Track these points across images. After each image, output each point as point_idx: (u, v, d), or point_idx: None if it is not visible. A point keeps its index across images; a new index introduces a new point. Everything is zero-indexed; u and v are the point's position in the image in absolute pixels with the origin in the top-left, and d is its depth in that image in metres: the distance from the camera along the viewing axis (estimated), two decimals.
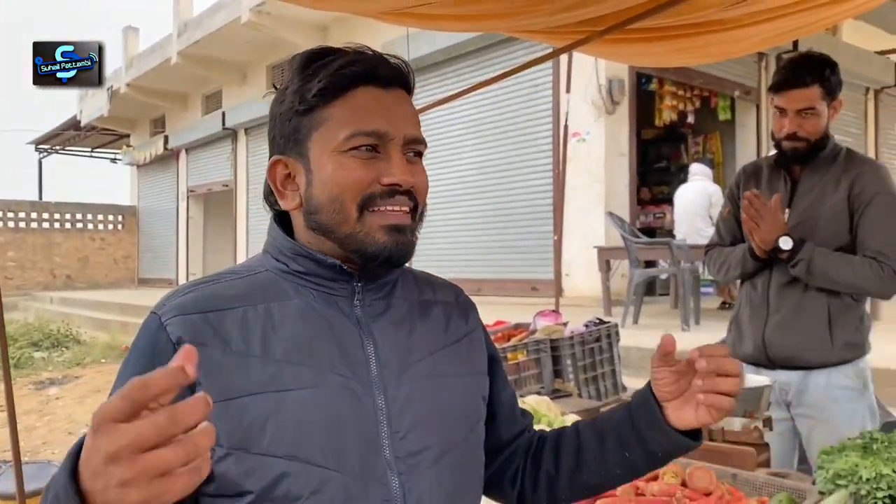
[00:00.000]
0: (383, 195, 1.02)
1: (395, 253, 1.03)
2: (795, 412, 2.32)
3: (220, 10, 13.47)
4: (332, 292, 1.05)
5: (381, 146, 1.02)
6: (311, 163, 1.04)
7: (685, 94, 9.82)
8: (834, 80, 2.25)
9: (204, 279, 1.06)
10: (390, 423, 1.00)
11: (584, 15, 2.71)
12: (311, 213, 1.04)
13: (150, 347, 0.97)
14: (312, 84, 1.02)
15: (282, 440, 0.93)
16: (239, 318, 0.99)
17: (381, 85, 1.04)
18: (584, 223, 8.44)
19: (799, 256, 2.19)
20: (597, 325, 3.38)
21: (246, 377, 0.95)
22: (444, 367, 1.10)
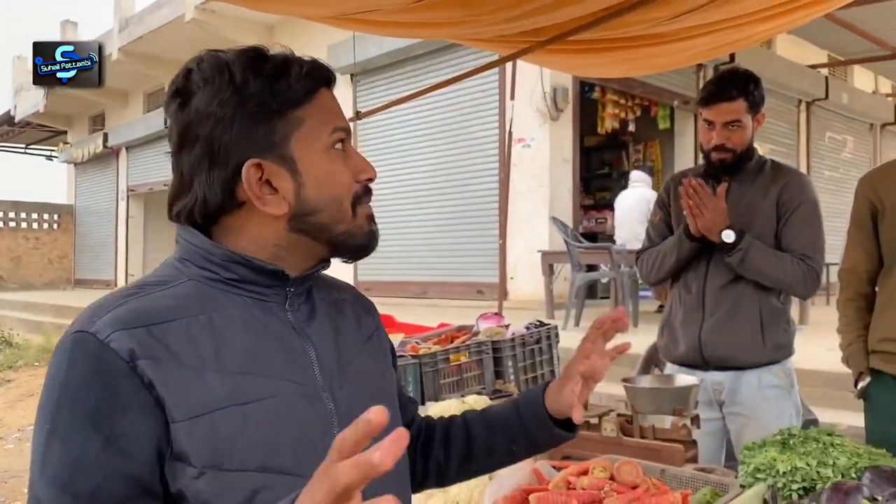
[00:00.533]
0: (365, 192, 1.07)
1: (374, 241, 1.09)
2: (728, 411, 2.44)
3: (164, 6, 13.23)
4: (265, 299, 1.03)
5: (346, 143, 1.07)
6: (297, 164, 1.02)
7: (626, 103, 10.08)
8: (757, 94, 2.38)
9: (127, 292, 0.98)
10: (340, 425, 1.00)
11: (526, 26, 2.79)
12: (307, 214, 1.02)
13: (97, 371, 0.89)
14: (286, 85, 1.01)
15: (254, 453, 0.92)
16: (183, 331, 0.94)
17: (330, 87, 1.08)
18: (528, 227, 8.57)
19: (738, 247, 2.31)
20: (537, 328, 3.47)
21: (207, 392, 0.92)
22: (369, 365, 1.13)
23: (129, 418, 0.88)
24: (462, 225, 9.70)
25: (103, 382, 0.88)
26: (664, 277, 2.56)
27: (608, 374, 4.37)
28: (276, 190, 1.01)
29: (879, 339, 2.25)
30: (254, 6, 2.67)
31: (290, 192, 1.01)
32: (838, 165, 13.34)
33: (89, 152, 18.02)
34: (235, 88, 1.00)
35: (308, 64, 1.05)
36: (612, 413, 2.19)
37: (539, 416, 1.23)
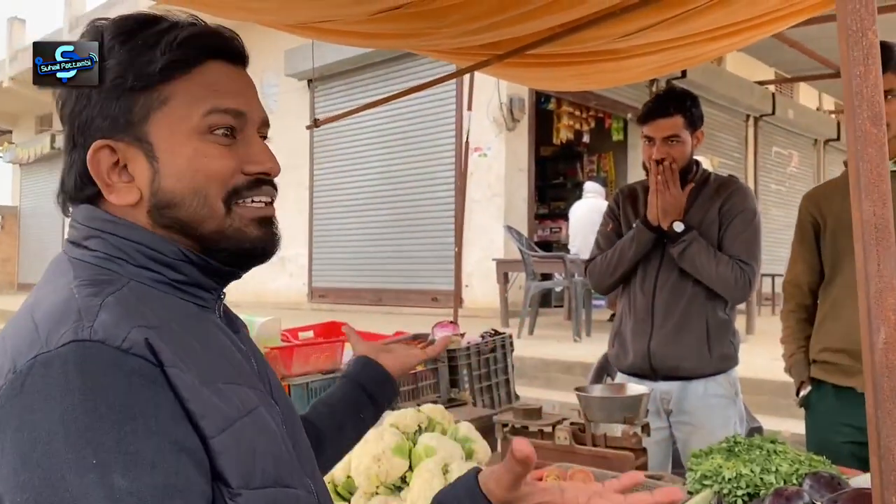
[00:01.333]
0: (250, 186, 0.91)
1: (270, 247, 0.93)
2: (675, 419, 2.51)
3: (116, 5, 12.97)
4: (205, 304, 0.92)
5: (239, 129, 0.91)
6: (155, 149, 0.88)
7: (581, 115, 10.24)
8: (695, 111, 2.49)
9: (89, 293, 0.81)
10: (291, 436, 0.95)
11: (485, 39, 2.83)
12: (164, 207, 0.88)
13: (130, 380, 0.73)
14: (150, 56, 0.87)
15: (268, 467, 0.83)
16: (171, 336, 0.81)
17: (231, 61, 0.93)
18: (483, 236, 8.63)
19: (684, 238, 2.41)
20: (492, 336, 3.50)
21: (222, 403, 0.81)
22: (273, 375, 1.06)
23: (182, 431, 0.75)
24: (418, 233, 9.73)
25: (143, 393, 0.74)
26: (617, 280, 2.61)
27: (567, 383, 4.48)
28: (133, 177, 0.89)
29: (820, 350, 2.33)
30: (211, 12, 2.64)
31: (145, 181, 0.88)
32: (784, 179, 13.74)
33: (36, 153, 17.53)
34: (100, 59, 0.90)
35: (189, 31, 0.89)
36: (566, 422, 2.23)
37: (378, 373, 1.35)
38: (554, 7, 2.43)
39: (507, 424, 2.27)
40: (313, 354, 2.73)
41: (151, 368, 0.75)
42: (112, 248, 0.87)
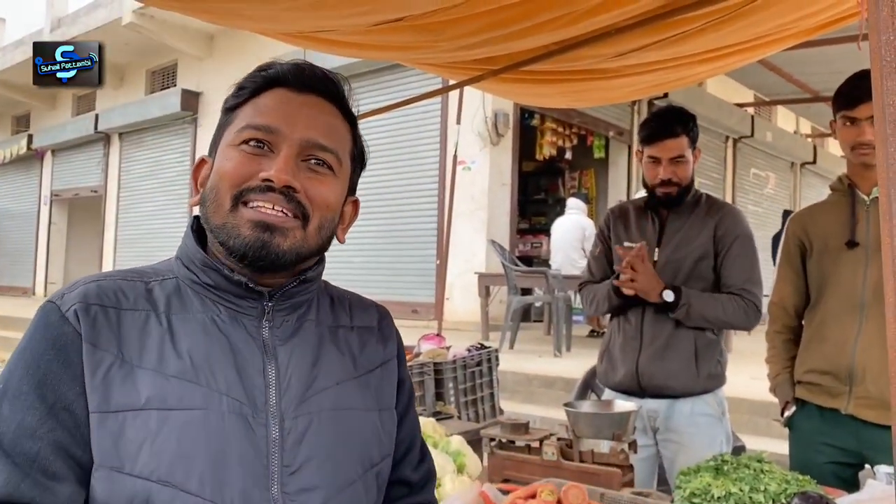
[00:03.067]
0: (258, 190, 0.96)
1: (257, 252, 0.96)
2: (661, 437, 2.52)
3: (99, 7, 12.88)
4: (239, 310, 0.99)
5: (276, 145, 0.99)
6: (215, 159, 1.03)
7: (564, 132, 10.31)
8: (695, 130, 2.54)
9: (106, 273, 1.00)
10: (282, 456, 0.94)
11: (480, 54, 2.85)
12: (202, 205, 1.01)
13: (54, 342, 0.91)
14: (238, 88, 1.05)
15: (158, 464, 0.88)
16: (140, 323, 0.94)
17: (295, 88, 1.02)
18: (465, 249, 8.64)
19: (681, 303, 2.42)
20: (478, 350, 3.51)
21: (131, 390, 0.90)
22: (349, 400, 1.03)
23: (74, 394, 0.89)
24: (399, 244, 9.72)
25: (56, 353, 0.90)
26: (603, 315, 2.66)
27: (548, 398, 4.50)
28: None
29: (805, 371, 2.36)
30: (208, 18, 2.64)
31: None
32: (761, 200, 13.93)
33: (11, 153, 17.26)
34: None
35: (272, 63, 1.05)
36: (553, 437, 2.23)
37: None
38: (550, 25, 2.45)
39: (495, 439, 2.27)
40: None
41: (77, 339, 0.91)
42: (179, 250, 1.05)
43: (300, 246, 0.99)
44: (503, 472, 2.21)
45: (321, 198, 1.00)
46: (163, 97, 13.35)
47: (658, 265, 2.51)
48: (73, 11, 13.83)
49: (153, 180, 14.02)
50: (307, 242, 1.00)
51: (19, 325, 10.52)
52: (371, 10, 2.20)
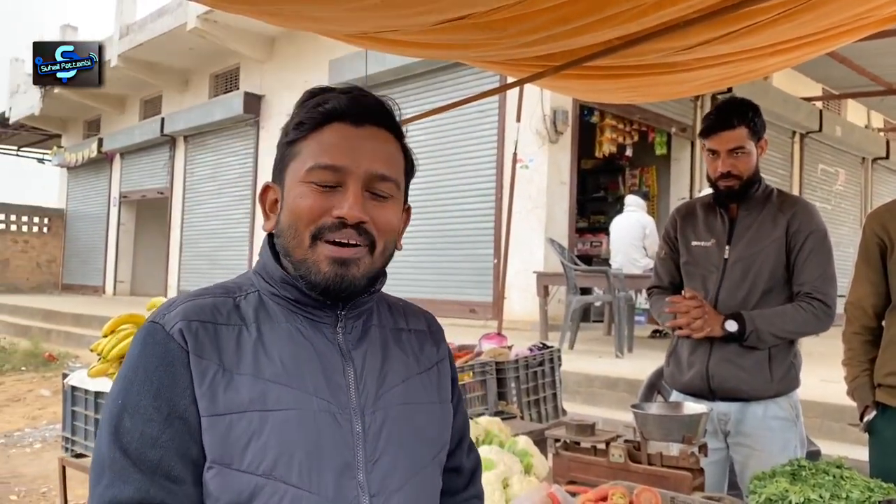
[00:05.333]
0: (333, 227, 1.06)
1: (335, 285, 1.07)
2: (733, 441, 2.44)
3: (165, 14, 13.25)
4: (317, 319, 1.11)
5: (342, 180, 1.08)
6: (284, 191, 1.11)
7: (625, 128, 10.15)
8: (758, 121, 2.43)
9: (198, 292, 1.11)
10: (365, 448, 1.06)
11: (541, 51, 2.82)
12: (277, 235, 1.12)
13: (162, 355, 1.02)
14: (296, 119, 1.11)
15: (263, 458, 1.00)
16: (235, 335, 1.06)
17: (353, 122, 1.10)
18: (523, 248, 8.59)
19: (748, 332, 2.34)
20: (541, 350, 3.47)
21: (234, 395, 1.01)
22: (416, 395, 1.16)
23: (185, 404, 1.01)
24: (456, 244, 9.72)
25: (166, 368, 1.02)
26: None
27: (610, 399, 4.43)
28: (277, 211, 1.13)
29: (886, 374, 2.27)
30: (275, 21, 2.68)
31: (277, 213, 1.13)
32: (830, 198, 13.46)
33: (83, 157, 17.93)
34: (285, 124, 1.14)
35: (327, 97, 1.11)
36: (620, 439, 2.19)
37: None
38: (614, 20, 2.41)
39: (560, 440, 2.24)
40: None
41: (183, 354, 1.02)
42: (258, 265, 1.16)
43: (370, 270, 1.10)
44: (568, 474, 2.18)
45: (386, 224, 1.11)
46: (226, 100, 13.66)
47: (728, 264, 2.44)
48: (141, 18, 14.24)
49: (216, 181, 14.37)
50: (375, 265, 1.11)
51: (93, 323, 10.91)
52: (435, 9, 2.20)
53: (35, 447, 5.89)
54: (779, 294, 2.42)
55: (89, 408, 3.01)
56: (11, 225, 19.77)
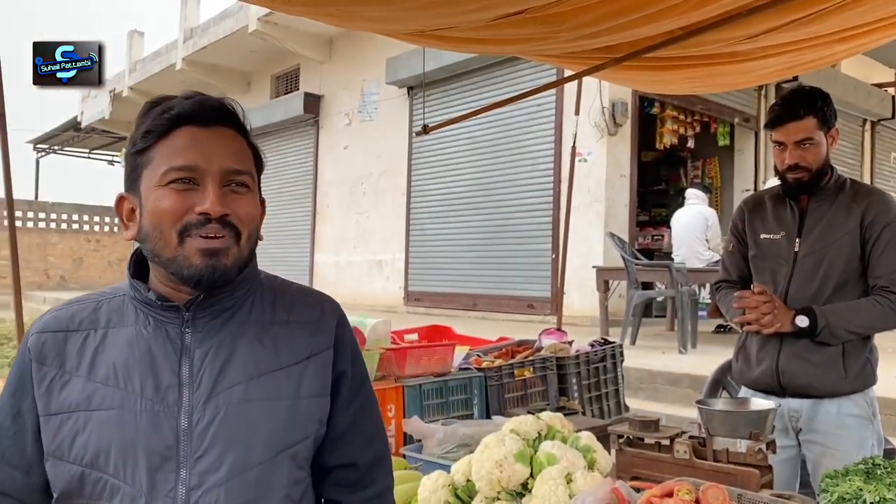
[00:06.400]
0: (198, 223, 1.13)
1: (209, 275, 1.14)
2: (804, 438, 2.38)
3: (227, 18, 13.55)
4: (164, 319, 1.18)
5: (199, 179, 1.14)
6: (141, 198, 1.16)
7: (686, 119, 9.94)
8: (828, 110, 2.34)
9: (71, 300, 1.24)
10: (190, 443, 1.13)
11: (600, 43, 2.80)
12: (142, 241, 1.18)
13: (20, 361, 1.19)
14: (144, 128, 1.16)
15: (84, 452, 1.13)
16: (80, 341, 1.17)
17: (199, 125, 1.16)
18: (581, 242, 8.50)
19: (819, 327, 2.27)
20: (602, 346, 3.44)
21: (67, 396, 1.15)
22: (263, 392, 1.17)
23: (27, 405, 1.17)
24: (513, 239, 9.68)
25: (19, 373, 1.18)
26: None
27: (674, 396, 4.35)
28: (136, 219, 1.18)
29: None
30: (335, 22, 2.73)
31: (137, 221, 1.18)
32: None
33: None
34: (130, 135, 1.20)
35: (171, 104, 1.16)
36: (685, 435, 2.16)
37: None
38: (676, 10, 2.37)
39: (623, 436, 2.22)
40: (425, 357, 2.77)
41: (28, 362, 1.17)
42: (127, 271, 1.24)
43: (238, 259, 1.16)
44: (632, 470, 2.17)
45: (247, 214, 1.17)
46: (286, 101, 13.89)
47: (798, 257, 2.37)
48: (204, 22, 14.60)
49: (278, 180, 14.63)
50: (242, 253, 1.17)
51: None
52: (493, 5, 2.20)
53: None
54: (853, 288, 2.34)
55: None
56: (84, 225, 20.55)
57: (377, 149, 11.57)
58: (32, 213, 19.60)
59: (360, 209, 12.31)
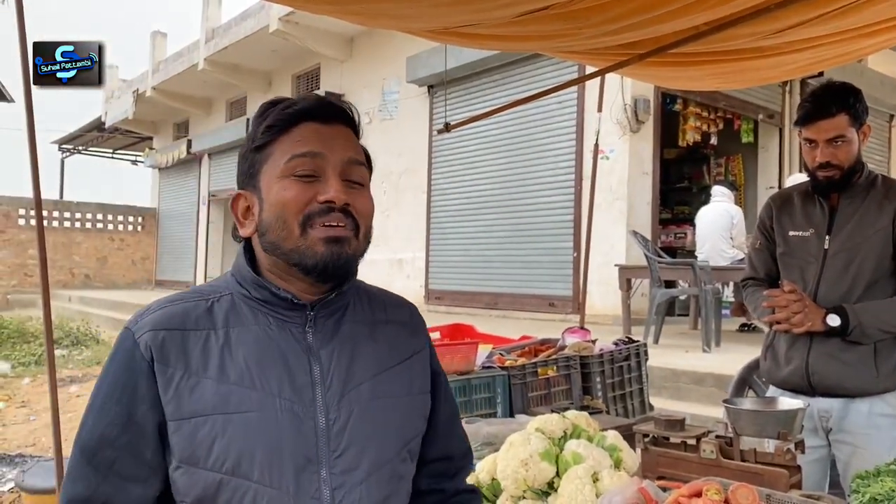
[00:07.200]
0: (321, 212, 1.13)
1: (333, 264, 1.13)
2: (835, 438, 2.35)
3: (249, 18, 13.65)
4: (287, 319, 1.16)
5: (319, 170, 1.14)
6: (261, 192, 1.17)
7: (709, 116, 9.84)
8: (859, 106, 2.30)
9: (173, 298, 1.18)
10: (329, 443, 1.12)
11: (624, 39, 2.77)
12: (263, 234, 1.16)
13: (127, 362, 1.10)
14: (264, 125, 1.17)
15: (225, 458, 1.07)
16: (202, 341, 1.12)
17: (322, 121, 1.17)
18: (603, 241, 8.45)
19: (851, 326, 2.24)
20: (626, 344, 3.42)
21: (199, 399, 1.08)
22: (386, 389, 1.20)
23: (143, 410, 1.09)
24: (535, 237, 9.65)
25: (129, 375, 1.09)
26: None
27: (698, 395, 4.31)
28: (254, 215, 1.18)
29: None
30: (359, 20, 2.73)
31: (256, 215, 1.17)
32: None
33: (173, 158, 18.69)
34: (248, 134, 1.21)
35: (292, 101, 1.18)
36: (711, 434, 2.14)
37: None
38: (702, 5, 2.34)
39: (648, 435, 2.20)
40: (448, 355, 2.76)
41: (145, 363, 1.08)
42: (233, 267, 1.22)
43: (357, 252, 1.16)
44: (657, 470, 2.15)
45: (365, 209, 1.18)
46: None
47: (828, 255, 2.33)
48: (226, 22, 14.71)
49: None
50: (360, 248, 1.17)
51: None
52: (518, 1, 2.20)
53: None
54: (884, 286, 2.30)
55: None
56: (108, 224, 20.77)
57: (398, 147, 11.59)
58: (58, 213, 19.85)
59: (381, 208, 12.34)
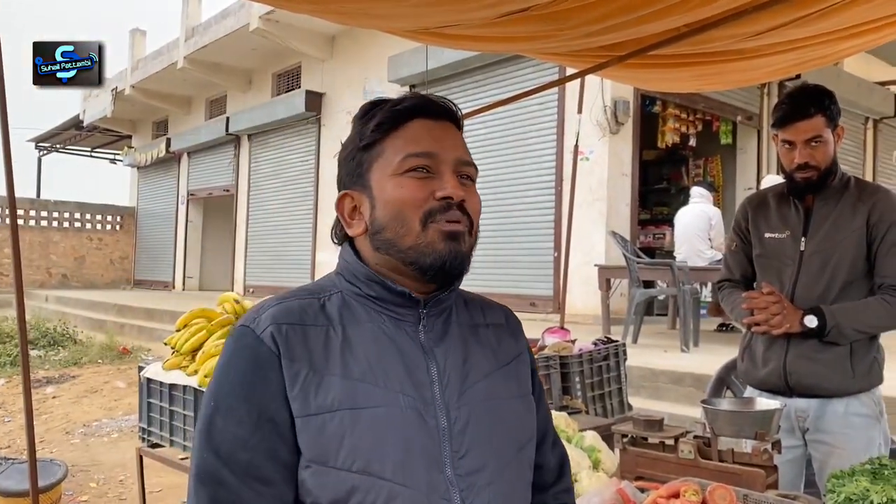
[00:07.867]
0: (441, 209, 1.10)
1: (451, 261, 1.10)
2: (811, 438, 2.37)
3: (229, 16, 13.55)
4: (400, 317, 1.13)
5: (434, 167, 1.12)
6: (373, 191, 1.14)
7: (688, 118, 9.92)
8: (834, 108, 2.33)
9: (284, 296, 1.14)
10: (451, 443, 1.08)
11: (606, 41, 2.78)
12: (376, 232, 1.13)
13: (254, 358, 1.06)
14: (371, 123, 1.14)
15: (356, 456, 1.02)
16: (322, 336, 1.08)
17: (432, 117, 1.16)
18: (583, 241, 8.49)
19: (828, 327, 2.26)
20: (605, 344, 3.44)
21: (326, 395, 1.04)
22: (498, 390, 1.17)
23: (276, 406, 1.04)
24: (516, 237, 9.68)
25: (256, 370, 1.05)
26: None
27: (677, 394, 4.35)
28: (362, 214, 1.15)
29: None
30: (336, 19, 2.71)
31: (367, 214, 1.14)
32: None
33: (152, 157, 18.50)
34: (352, 135, 1.18)
35: (399, 99, 1.16)
36: (689, 434, 2.15)
37: None
38: (682, 7, 2.35)
39: (627, 435, 2.21)
40: None
41: (273, 358, 1.04)
42: (339, 266, 1.19)
43: (469, 249, 1.15)
44: (636, 470, 2.15)
45: (476, 206, 1.16)
46: (288, 99, 13.89)
47: (804, 256, 2.35)
48: (205, 21, 14.60)
49: (279, 179, 14.64)
50: (471, 245, 1.15)
51: (163, 318, 11.26)
52: (497, 2, 2.19)
53: (112, 437, 6.13)
54: (860, 287, 2.32)
55: (164, 400, 3.11)
56: (86, 223, 20.53)
57: None
58: (35, 212, 19.58)
59: None
